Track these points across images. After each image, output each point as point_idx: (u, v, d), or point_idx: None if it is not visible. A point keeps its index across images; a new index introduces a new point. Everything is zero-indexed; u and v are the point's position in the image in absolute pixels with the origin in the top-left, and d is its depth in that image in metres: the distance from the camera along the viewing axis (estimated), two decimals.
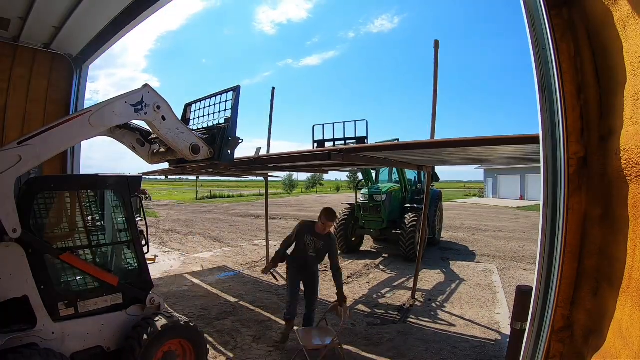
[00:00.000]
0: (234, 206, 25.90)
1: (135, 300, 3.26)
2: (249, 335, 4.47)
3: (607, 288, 1.43)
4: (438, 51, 4.82)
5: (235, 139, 3.35)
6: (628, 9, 1.27)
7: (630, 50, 1.27)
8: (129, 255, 3.41)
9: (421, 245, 6.12)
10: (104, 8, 5.50)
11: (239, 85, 3.38)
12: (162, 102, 3.05)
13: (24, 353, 2.48)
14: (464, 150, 3.79)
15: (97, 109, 2.83)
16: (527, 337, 1.58)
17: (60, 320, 2.85)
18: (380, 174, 11.06)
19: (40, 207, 2.93)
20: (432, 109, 4.94)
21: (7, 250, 2.61)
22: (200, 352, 3.27)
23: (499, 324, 4.94)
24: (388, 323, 4.97)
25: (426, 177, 6.42)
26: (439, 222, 10.93)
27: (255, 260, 8.82)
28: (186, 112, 3.86)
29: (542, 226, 1.52)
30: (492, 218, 19.07)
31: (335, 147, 5.53)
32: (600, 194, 1.50)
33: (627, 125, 1.29)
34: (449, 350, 4.14)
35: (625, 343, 1.26)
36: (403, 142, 3.53)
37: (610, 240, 1.44)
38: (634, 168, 1.24)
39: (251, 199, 35.31)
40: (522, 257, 9.23)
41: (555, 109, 1.48)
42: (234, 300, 5.85)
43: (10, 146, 2.53)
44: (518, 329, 1.89)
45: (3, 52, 5.92)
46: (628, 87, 1.29)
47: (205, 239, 11.90)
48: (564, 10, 1.56)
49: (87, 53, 6.67)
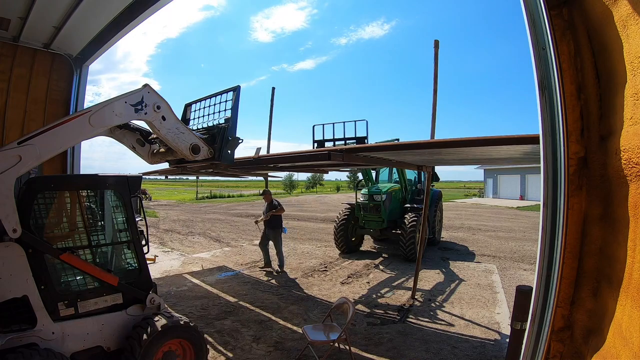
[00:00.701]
0: (234, 206, 25.90)
1: (135, 300, 3.26)
2: (249, 335, 4.47)
3: (607, 288, 1.43)
4: (438, 51, 4.81)
5: (235, 139, 3.35)
6: (628, 9, 1.27)
7: (630, 50, 1.27)
8: (129, 255, 3.41)
9: (421, 245, 6.12)
10: (104, 8, 5.49)
11: (238, 86, 3.38)
12: (162, 102, 3.05)
13: (24, 353, 2.48)
14: (464, 151, 3.79)
15: (97, 109, 2.83)
16: (527, 337, 1.58)
17: (60, 320, 2.86)
18: (380, 174, 11.06)
19: (40, 207, 2.93)
20: (432, 109, 4.94)
21: (7, 250, 2.61)
22: (200, 352, 3.27)
23: (499, 324, 4.94)
24: (388, 323, 4.97)
25: (426, 177, 6.41)
26: (439, 222, 10.93)
27: (255, 260, 8.82)
28: (186, 112, 3.86)
29: (542, 226, 1.52)
30: (492, 218, 19.06)
31: (335, 147, 5.53)
32: (600, 194, 1.50)
33: (627, 125, 1.29)
34: (449, 350, 4.14)
35: (625, 343, 1.26)
36: (403, 142, 3.53)
37: (610, 240, 1.44)
38: (634, 168, 1.24)
39: (251, 199, 35.30)
40: (522, 257, 9.23)
41: (555, 109, 1.48)
42: (233, 300, 5.85)
43: (10, 146, 2.53)
44: (518, 329, 1.89)
45: (3, 52, 5.92)
46: (628, 87, 1.29)
47: (205, 239, 11.89)
48: (564, 10, 1.56)
49: (87, 53, 6.67)
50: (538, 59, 1.51)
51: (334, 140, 6.58)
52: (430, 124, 4.95)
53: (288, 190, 52.73)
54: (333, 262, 8.60)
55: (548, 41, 1.48)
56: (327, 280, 7.09)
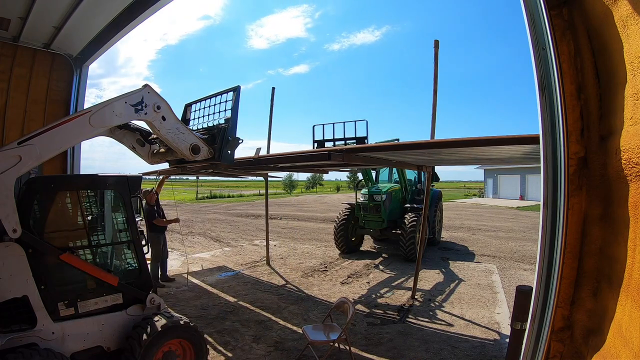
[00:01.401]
0: (234, 206, 25.89)
1: (136, 300, 3.26)
2: (249, 335, 4.47)
3: (607, 288, 1.43)
4: (438, 51, 4.82)
5: (235, 139, 3.35)
6: (628, 9, 1.27)
7: (631, 50, 1.27)
8: (129, 255, 3.41)
9: (421, 245, 6.12)
10: (104, 8, 5.49)
11: (238, 86, 3.38)
12: (162, 103, 3.05)
13: (24, 353, 2.48)
14: (464, 151, 3.79)
15: (97, 109, 2.83)
16: (527, 337, 1.57)
17: (60, 320, 2.86)
18: (380, 174, 11.06)
19: (41, 207, 2.93)
20: (432, 109, 4.94)
21: (7, 250, 2.61)
22: (200, 352, 3.27)
23: (499, 324, 4.94)
24: (388, 323, 4.97)
25: (426, 177, 6.41)
26: (439, 222, 10.93)
27: (255, 260, 8.82)
28: (186, 113, 3.85)
29: (542, 226, 1.51)
30: (492, 218, 19.06)
31: (335, 147, 5.53)
32: (600, 194, 1.50)
33: (627, 125, 1.29)
34: (449, 350, 4.14)
35: (625, 343, 1.26)
36: (403, 142, 3.53)
37: (610, 240, 1.44)
38: (634, 168, 1.24)
39: (251, 199, 35.30)
40: (522, 257, 9.23)
41: (555, 109, 1.48)
42: (233, 300, 5.85)
43: (10, 146, 2.53)
44: (518, 329, 1.88)
45: (3, 52, 5.92)
46: (628, 87, 1.29)
47: (205, 239, 11.89)
48: (564, 10, 1.56)
49: (87, 53, 6.67)
50: (538, 59, 1.51)
51: (333, 140, 6.58)
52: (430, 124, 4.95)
53: (288, 190, 52.71)
54: (333, 262, 8.60)
55: (548, 41, 1.48)
56: (327, 280, 7.09)
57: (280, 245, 10.84)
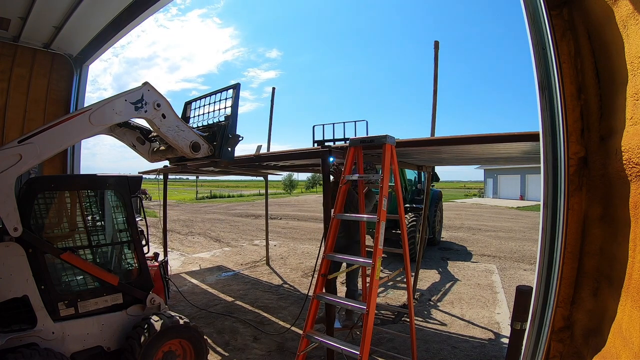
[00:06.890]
0: (234, 206, 25.89)
1: (136, 300, 3.26)
2: (249, 335, 4.47)
3: (607, 288, 1.43)
4: (438, 51, 4.82)
5: (235, 136, 3.35)
6: (628, 9, 1.27)
7: (631, 50, 1.27)
8: (129, 255, 3.41)
9: (421, 245, 6.11)
10: (104, 8, 5.49)
11: (238, 83, 3.38)
12: (162, 100, 3.04)
13: (24, 353, 2.48)
14: (464, 149, 3.79)
15: (97, 107, 2.83)
16: (527, 337, 1.58)
17: (61, 320, 2.85)
18: None
19: (41, 207, 2.93)
20: (432, 109, 4.94)
21: (7, 250, 2.61)
22: (200, 352, 3.27)
23: (499, 324, 4.94)
24: (387, 323, 4.97)
25: (426, 177, 6.41)
26: (439, 222, 10.92)
27: (255, 260, 8.82)
28: (186, 110, 3.85)
29: (542, 226, 1.52)
30: (492, 218, 19.06)
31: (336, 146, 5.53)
32: (600, 194, 1.50)
33: (628, 125, 1.29)
34: (449, 351, 4.14)
35: (625, 343, 1.26)
36: (402, 139, 3.51)
37: (610, 240, 1.44)
38: (634, 168, 1.24)
39: (251, 198, 35.31)
40: (522, 257, 9.23)
41: (555, 109, 1.48)
42: (233, 300, 5.85)
43: (10, 145, 2.53)
44: (518, 329, 1.88)
45: (3, 52, 5.92)
46: (628, 87, 1.29)
47: (205, 239, 11.90)
48: (564, 11, 1.56)
49: (87, 53, 6.67)
50: (538, 58, 1.51)
51: (333, 140, 6.57)
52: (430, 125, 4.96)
53: (288, 190, 52.69)
54: None
55: (548, 41, 1.48)
56: None
57: (280, 245, 10.84)
